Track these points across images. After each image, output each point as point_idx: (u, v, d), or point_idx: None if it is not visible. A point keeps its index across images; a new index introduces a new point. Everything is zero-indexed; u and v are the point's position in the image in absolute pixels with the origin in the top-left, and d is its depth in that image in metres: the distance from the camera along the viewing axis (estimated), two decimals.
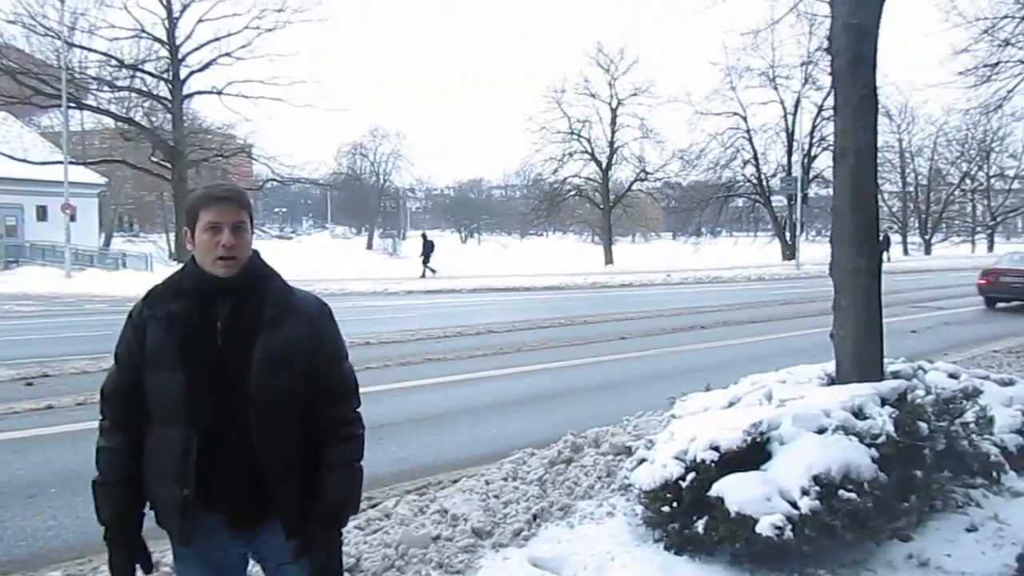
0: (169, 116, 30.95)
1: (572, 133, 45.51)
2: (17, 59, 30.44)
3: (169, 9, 29.06)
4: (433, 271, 30.78)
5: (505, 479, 5.10)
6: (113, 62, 29.89)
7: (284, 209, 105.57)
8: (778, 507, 3.77)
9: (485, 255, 55.38)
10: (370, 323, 15.29)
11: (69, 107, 29.56)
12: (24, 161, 30.22)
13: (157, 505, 2.28)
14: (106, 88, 31.34)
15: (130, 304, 2.40)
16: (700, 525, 3.98)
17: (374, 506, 4.76)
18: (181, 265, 2.34)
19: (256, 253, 2.32)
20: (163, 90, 30.75)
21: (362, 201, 73.43)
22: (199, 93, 31.20)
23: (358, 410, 2.41)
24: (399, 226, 78.30)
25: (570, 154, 45.84)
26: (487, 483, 5.03)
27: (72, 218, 29.67)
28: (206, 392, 2.16)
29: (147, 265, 31.11)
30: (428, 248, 31.51)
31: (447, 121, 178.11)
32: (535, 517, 4.58)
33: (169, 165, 30.53)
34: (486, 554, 4.14)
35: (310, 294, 2.40)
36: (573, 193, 47.81)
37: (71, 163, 30.56)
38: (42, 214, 34.68)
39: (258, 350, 2.19)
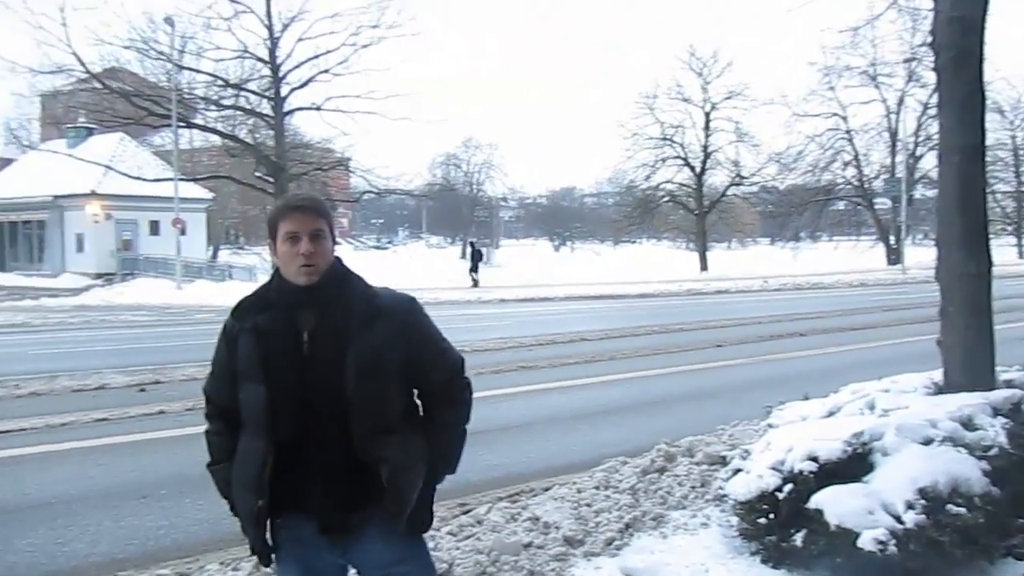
0: (271, 132, 32.08)
1: (665, 139, 45.05)
2: (132, 82, 32.18)
3: (271, 29, 30.17)
4: (476, 282, 30.87)
5: (597, 488, 5.07)
6: (219, 82, 31.23)
7: (381, 220, 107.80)
8: (881, 521, 3.63)
9: (578, 263, 55.27)
10: (463, 331, 15.45)
11: (179, 126, 31.04)
12: (138, 179, 31.86)
13: (239, 512, 2.34)
14: (213, 107, 32.77)
15: None
16: (799, 538, 3.86)
17: (466, 512, 4.80)
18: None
19: (338, 260, 2.31)
20: (266, 107, 31.91)
21: (456, 211, 74.47)
22: (299, 109, 32.25)
23: (466, 377, 2.45)
24: (492, 235, 78.97)
25: (663, 160, 45.38)
26: (579, 491, 5.01)
27: (182, 232, 31.15)
28: (289, 405, 2.18)
29: (251, 276, 32.25)
30: (476, 257, 31.87)
31: (539, 130, 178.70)
32: (627, 526, 4.53)
33: (271, 179, 31.63)
34: (578, 563, 4.12)
35: (396, 292, 2.38)
36: (666, 199, 47.27)
37: (181, 180, 32.10)
38: (155, 228, 36.51)
39: (350, 358, 2.18)
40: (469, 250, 32.45)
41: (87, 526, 5.08)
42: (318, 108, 31.47)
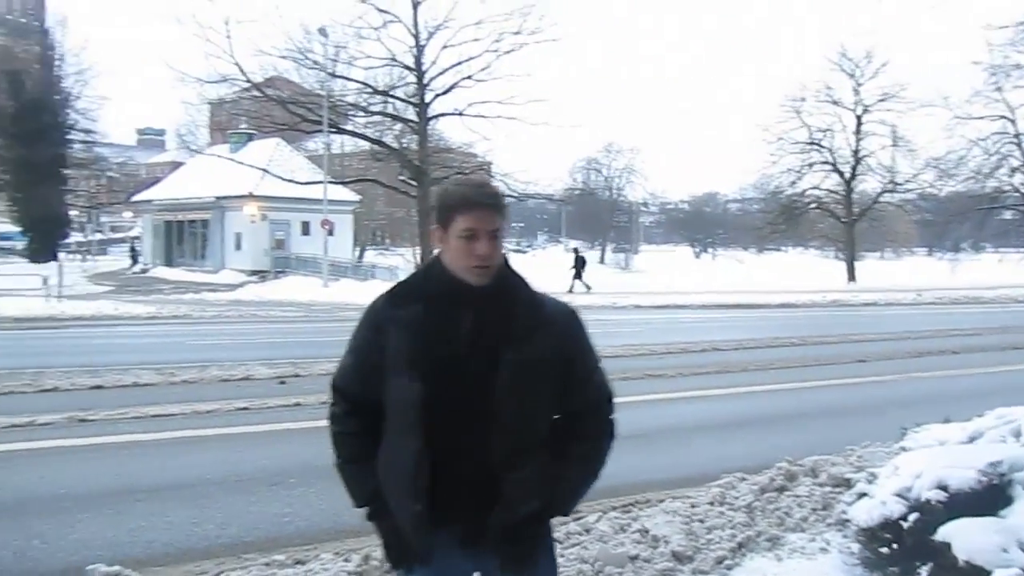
0: (416, 137, 33.06)
1: (812, 143, 43.29)
2: (289, 90, 33.98)
3: (417, 38, 31.10)
4: (588, 287, 30.44)
5: (711, 503, 4.93)
6: (368, 89, 32.46)
7: (521, 224, 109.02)
8: (1016, 560, 3.34)
9: (718, 270, 53.97)
10: (593, 337, 15.39)
11: (329, 131, 32.55)
12: (291, 181, 33.60)
13: (397, 516, 2.16)
14: (361, 113, 34.11)
15: None
16: (924, 572, 3.61)
17: (575, 520, 4.78)
18: (424, 263, 2.23)
19: (505, 259, 2.13)
20: (411, 113, 32.92)
21: (595, 216, 74.27)
22: (442, 115, 33.07)
23: (611, 417, 2.26)
24: (632, 240, 78.29)
25: (809, 165, 43.63)
26: (692, 506, 4.89)
27: (330, 233, 32.59)
28: (445, 406, 2.03)
29: (393, 276, 33.34)
30: (580, 263, 31.46)
31: (682, 134, 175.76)
32: (740, 546, 4.38)
33: (415, 183, 32.60)
34: None
35: (560, 302, 2.22)
36: (813, 206, 45.38)
37: (330, 182, 33.59)
38: (305, 229, 38.36)
39: (505, 364, 2.04)
40: (573, 257, 32.19)
41: (220, 509, 5.39)
42: (460, 113, 32.20)
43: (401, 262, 42.25)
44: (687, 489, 5.39)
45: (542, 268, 43.97)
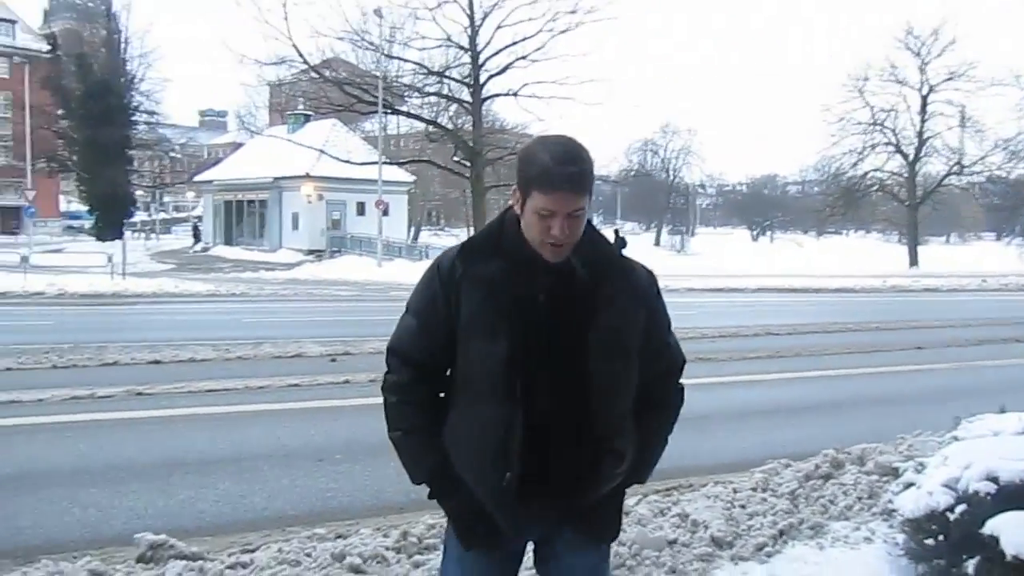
0: (470, 118, 33.08)
1: (874, 123, 42.11)
2: (345, 71, 34.26)
3: (472, 18, 31.02)
4: None
5: (754, 489, 4.86)
6: (423, 70, 32.54)
7: (587, 165, 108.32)
8: None
9: (776, 254, 53.05)
10: None
11: (384, 113, 32.75)
12: (347, 162, 33.93)
13: (474, 488, 2.00)
14: (416, 94, 34.24)
15: None
16: (970, 565, 3.50)
17: None
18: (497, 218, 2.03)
19: (589, 223, 1.98)
20: (465, 94, 32.92)
21: (651, 197, 73.58)
22: (497, 95, 33.01)
23: (681, 383, 2.22)
24: (688, 223, 77.38)
25: (872, 146, 42.46)
26: (735, 491, 4.83)
27: (385, 213, 32.89)
28: (535, 368, 1.89)
29: None
30: (620, 244, 31.14)
31: (740, 115, 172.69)
32: (781, 533, 4.32)
33: (468, 164, 32.66)
34: (723, 565, 3.98)
35: (641, 265, 2.10)
36: (875, 188, 44.22)
37: (385, 163, 33.83)
38: (360, 209, 38.75)
39: (593, 330, 1.93)
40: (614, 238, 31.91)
41: (267, 482, 5.50)
42: (515, 94, 32.07)
43: (455, 242, 42.39)
44: (730, 474, 5.34)
45: None
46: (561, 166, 1.84)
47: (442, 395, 2.07)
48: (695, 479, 5.42)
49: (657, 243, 69.12)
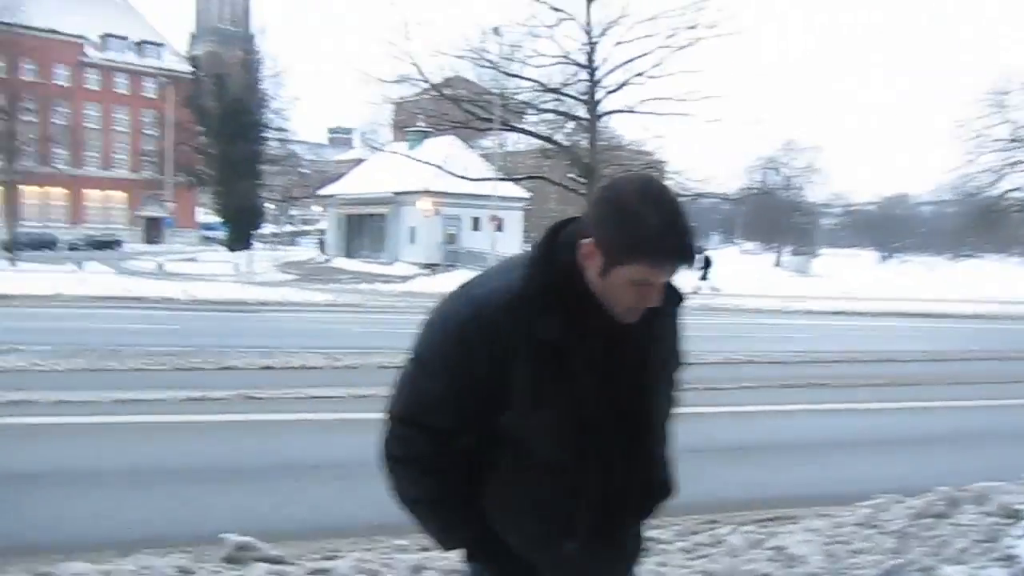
0: (586, 135, 33.06)
1: (1015, 140, 39.53)
2: (466, 88, 34.91)
3: (590, 35, 31.02)
4: (715, 289, 29.30)
5: (859, 525, 4.57)
6: (539, 87, 32.76)
7: (694, 224, 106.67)
8: None
9: (905, 276, 50.52)
10: (758, 341, 14.82)
11: (501, 129, 33.14)
12: (463, 178, 34.49)
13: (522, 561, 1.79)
14: (532, 111, 34.49)
15: None
16: None
17: (707, 531, 4.58)
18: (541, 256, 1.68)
19: None
20: (581, 111, 32.92)
21: (772, 217, 71.50)
22: (613, 112, 32.85)
23: None
24: (812, 243, 74.71)
25: (1011, 164, 39.84)
26: (837, 526, 4.55)
27: (499, 228, 33.25)
28: (602, 428, 1.70)
29: None
30: (706, 264, 30.47)
31: (869, 130, 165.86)
32: (887, 573, 4.03)
33: (584, 180, 32.61)
34: None
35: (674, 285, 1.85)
36: (1015, 209, 41.45)
37: (499, 179, 34.23)
38: (476, 224, 39.34)
39: (652, 362, 1.76)
40: (700, 258, 31.25)
41: (361, 490, 5.54)
42: (631, 111, 31.83)
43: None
44: (833, 507, 5.03)
45: (715, 269, 42.79)
46: (677, 237, 1.57)
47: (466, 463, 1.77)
48: (794, 511, 5.15)
49: (777, 264, 66.98)
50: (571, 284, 1.63)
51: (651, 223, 1.53)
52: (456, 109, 33.88)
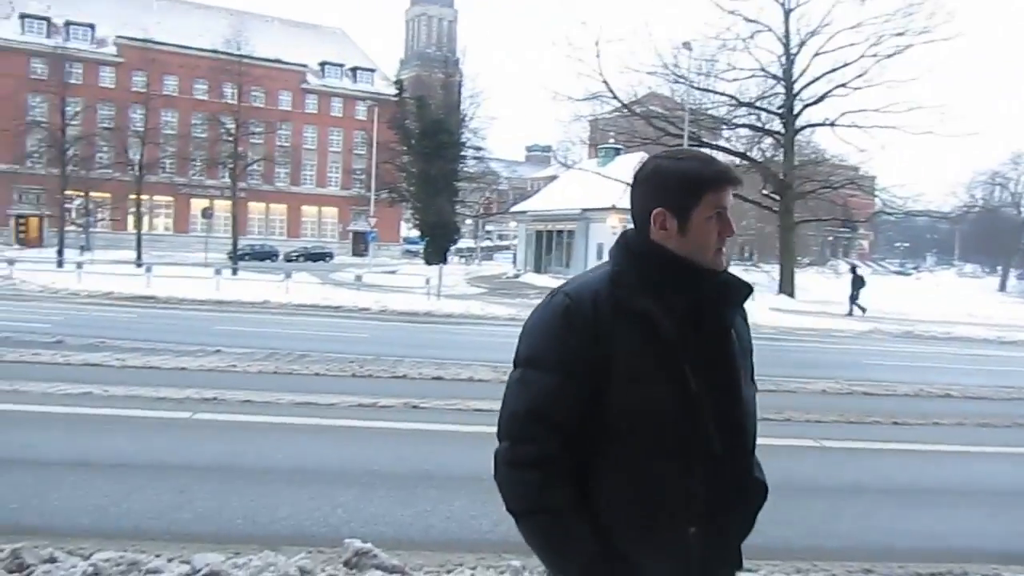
0: (780, 150, 31.79)
1: None
2: (657, 104, 34.62)
3: (787, 46, 29.90)
4: (862, 310, 26.76)
5: None
6: (733, 102, 31.90)
7: (906, 244, 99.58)
8: None
9: None
10: (958, 373, 13.52)
11: (692, 145, 32.50)
12: None
13: (638, 558, 1.76)
14: (725, 127, 33.62)
15: None
16: None
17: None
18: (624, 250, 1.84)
19: None
20: (777, 125, 31.72)
21: (997, 237, 65.27)
22: (811, 126, 31.42)
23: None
24: None
25: None
26: None
27: None
28: (703, 406, 1.73)
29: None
30: (857, 284, 27.39)
31: None
32: None
33: (777, 197, 31.33)
34: None
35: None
36: None
37: None
38: None
39: (734, 359, 1.82)
40: (851, 276, 28.50)
41: (499, 505, 5.58)
42: (832, 124, 30.31)
43: (765, 279, 40.74)
44: (1015, 567, 4.46)
45: (923, 293, 39.65)
46: (718, 164, 1.84)
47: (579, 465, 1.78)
48: (968, 566, 4.61)
49: (1002, 288, 60.96)
50: (652, 261, 1.78)
51: (694, 164, 1.80)
52: (647, 126, 33.67)
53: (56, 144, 42.47)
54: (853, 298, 28.16)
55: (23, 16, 63.03)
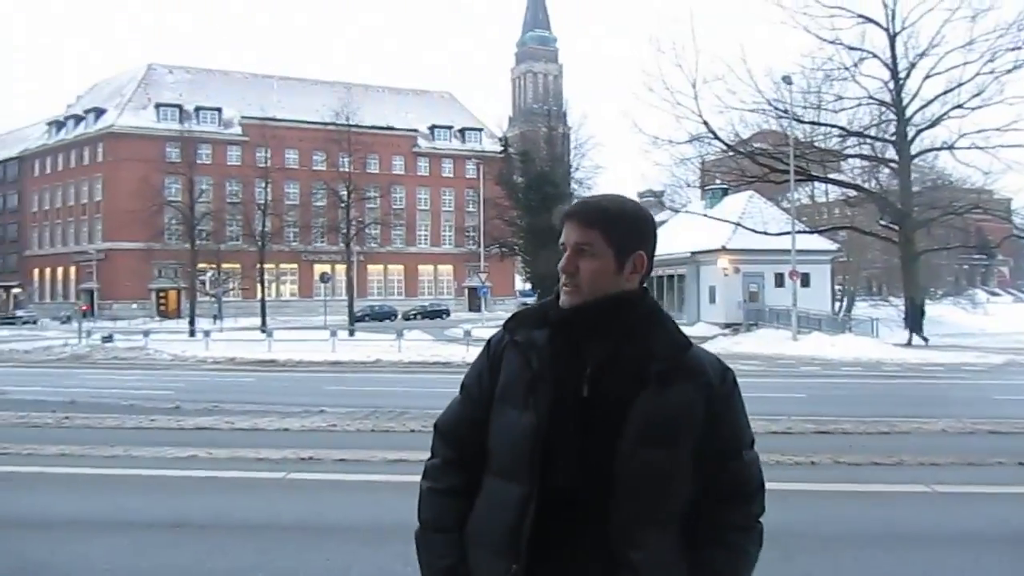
0: (895, 179, 30.49)
1: None
2: (765, 140, 33.94)
3: (894, 71, 28.81)
4: (925, 340, 25.71)
5: None
6: (840, 132, 30.93)
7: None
8: None
9: None
10: None
11: (799, 180, 31.61)
12: (763, 233, 33.32)
13: None
14: (834, 159, 32.57)
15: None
16: None
17: None
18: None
19: (644, 291, 1.85)
20: (890, 152, 30.48)
21: None
22: (928, 151, 30.01)
23: (760, 520, 1.84)
24: None
25: None
26: None
27: (804, 284, 31.45)
28: (561, 448, 1.71)
29: (872, 330, 30.82)
30: (915, 313, 25.47)
31: None
32: None
33: (896, 227, 29.97)
34: None
35: (711, 354, 1.87)
36: None
37: (800, 232, 32.58)
38: (779, 281, 37.52)
39: (636, 412, 1.70)
40: (908, 306, 26.87)
41: None
42: (950, 148, 28.90)
43: (894, 313, 38.81)
44: None
45: None
46: (578, 203, 1.92)
47: (473, 481, 1.87)
48: None
49: None
50: (553, 303, 1.86)
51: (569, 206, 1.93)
52: (753, 164, 33.05)
53: (186, 221, 45.41)
54: (913, 328, 27.55)
55: (158, 105, 68.34)
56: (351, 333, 35.70)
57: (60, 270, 72.65)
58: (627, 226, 1.83)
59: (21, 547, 5.74)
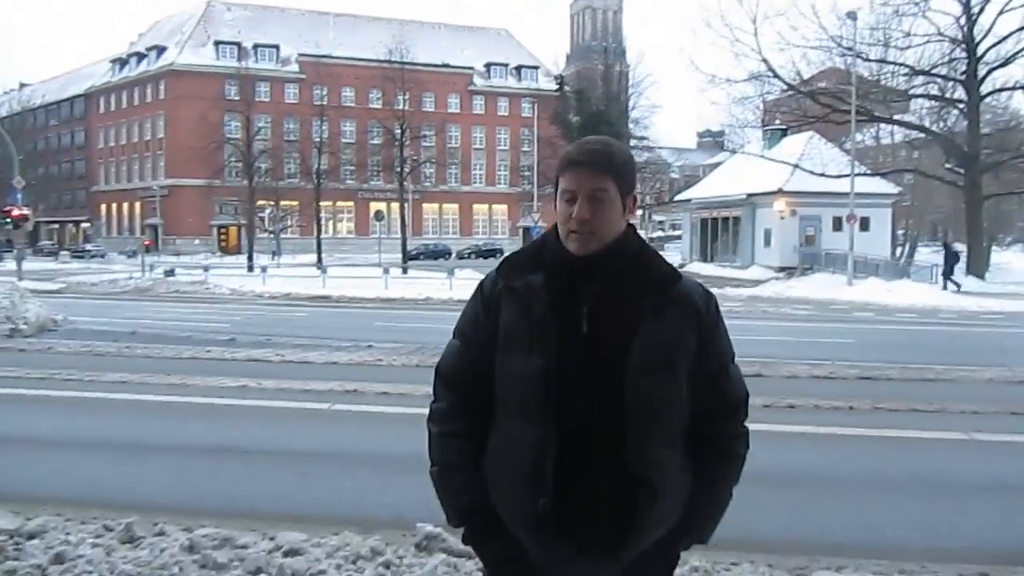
0: (963, 120, 29.36)
1: None
2: (829, 79, 32.88)
3: (967, 7, 27.51)
4: (957, 285, 25.23)
5: None
6: (907, 71, 29.80)
7: None
8: None
9: None
10: None
11: (860, 120, 30.61)
12: (821, 175, 32.49)
13: (507, 519, 1.91)
14: (899, 99, 31.44)
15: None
16: None
17: None
18: (542, 234, 2.02)
19: (632, 229, 1.94)
20: (959, 92, 29.30)
21: None
22: (999, 90, 28.80)
23: (745, 424, 2.01)
24: None
25: None
26: None
27: (863, 228, 30.71)
28: (570, 386, 1.81)
29: (932, 276, 30.02)
30: (951, 259, 24.68)
31: None
32: None
33: (961, 171, 28.97)
34: None
35: (697, 283, 1.98)
36: None
37: (860, 175, 31.67)
38: (837, 225, 36.65)
39: (635, 345, 1.82)
40: (943, 252, 26.04)
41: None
42: (1023, 87, 27.62)
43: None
44: None
45: None
46: (582, 146, 1.92)
47: (482, 425, 1.96)
48: None
49: None
50: (549, 246, 1.93)
51: (567, 149, 1.93)
52: (814, 104, 32.12)
53: (245, 159, 46.10)
54: (946, 274, 26.88)
55: (217, 43, 68.88)
56: (404, 271, 36.15)
57: (126, 205, 74.70)
58: (629, 170, 1.93)
59: (85, 467, 6.14)
